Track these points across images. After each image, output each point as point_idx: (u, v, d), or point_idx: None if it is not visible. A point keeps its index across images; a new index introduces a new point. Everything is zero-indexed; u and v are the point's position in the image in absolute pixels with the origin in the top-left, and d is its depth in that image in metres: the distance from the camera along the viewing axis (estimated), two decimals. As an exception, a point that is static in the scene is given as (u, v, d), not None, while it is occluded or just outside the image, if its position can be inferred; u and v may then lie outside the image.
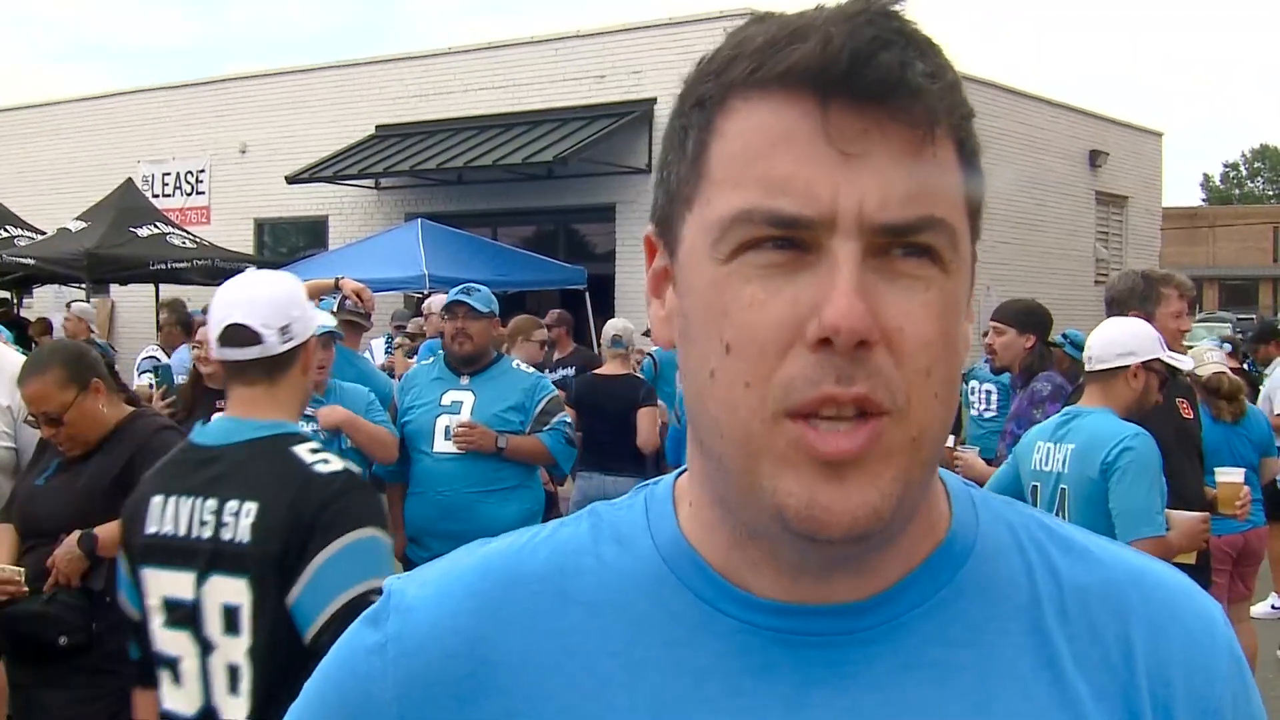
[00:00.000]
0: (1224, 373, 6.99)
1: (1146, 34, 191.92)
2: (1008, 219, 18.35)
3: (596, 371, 7.90)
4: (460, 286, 5.60)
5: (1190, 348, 8.25)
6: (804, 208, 0.78)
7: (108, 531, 3.53)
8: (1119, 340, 4.15)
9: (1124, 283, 5.04)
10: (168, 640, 2.53)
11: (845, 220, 0.77)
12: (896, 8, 0.82)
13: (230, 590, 2.45)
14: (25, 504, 3.78)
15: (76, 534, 3.59)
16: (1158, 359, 4.15)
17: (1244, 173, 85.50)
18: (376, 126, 18.98)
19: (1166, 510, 4.17)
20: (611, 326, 7.81)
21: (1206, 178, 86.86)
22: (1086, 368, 4.28)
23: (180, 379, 6.99)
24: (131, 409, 3.88)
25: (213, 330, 2.67)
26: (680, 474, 0.95)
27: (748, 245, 0.80)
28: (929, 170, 0.79)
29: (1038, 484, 4.21)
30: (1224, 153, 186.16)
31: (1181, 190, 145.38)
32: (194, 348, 5.89)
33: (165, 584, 2.53)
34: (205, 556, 2.48)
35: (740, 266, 0.80)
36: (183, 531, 2.52)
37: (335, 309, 6.13)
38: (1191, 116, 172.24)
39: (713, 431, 0.83)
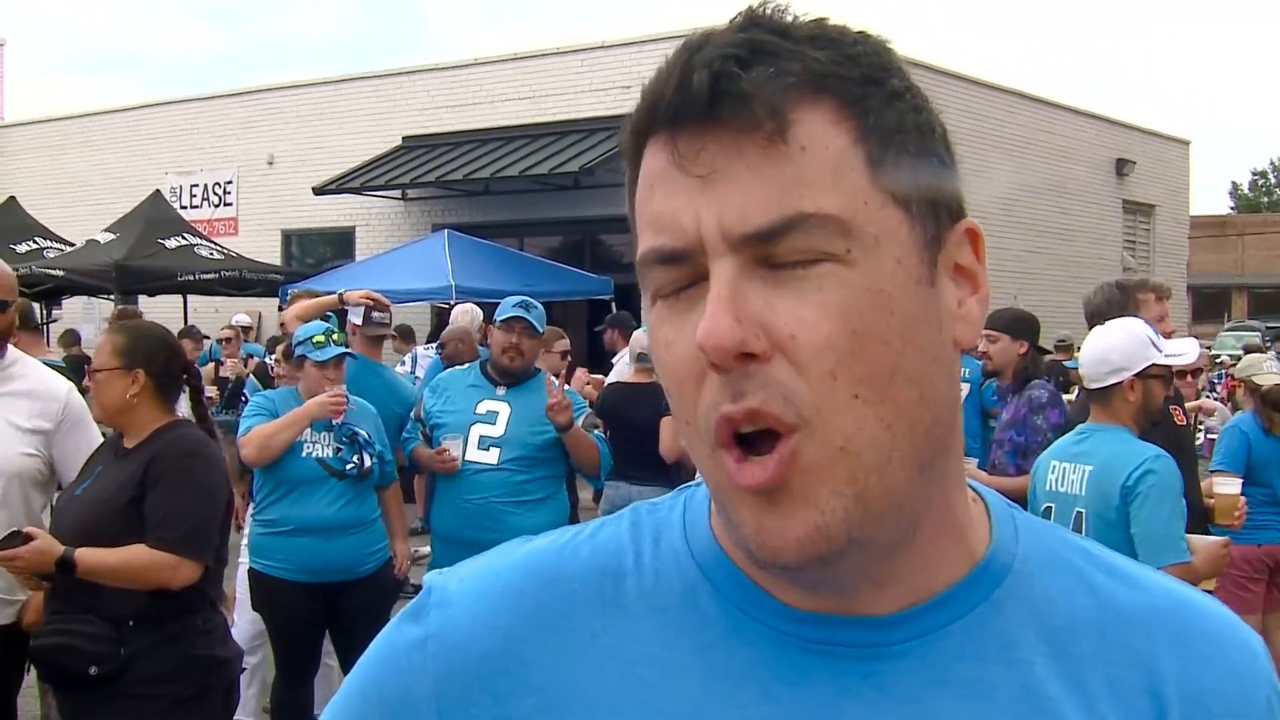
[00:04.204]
0: None
1: (1173, 41, 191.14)
2: (1034, 228, 18.27)
3: (623, 380, 7.84)
4: (519, 300, 5.51)
5: (1238, 358, 8.13)
6: (676, 239, 0.78)
7: (88, 559, 3.42)
8: (1107, 359, 3.96)
9: (1100, 295, 4.87)
10: None
11: (711, 239, 0.77)
12: (771, 12, 0.80)
13: None
14: (58, 515, 3.69)
15: (61, 549, 3.41)
16: (1153, 364, 3.94)
17: (1273, 180, 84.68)
18: (403, 137, 19.07)
19: (1187, 535, 3.99)
20: (639, 341, 7.69)
21: (1235, 185, 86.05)
22: (1084, 385, 4.14)
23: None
24: (170, 419, 3.72)
25: None
26: None
27: (659, 290, 0.81)
28: (789, 167, 0.77)
29: (1052, 505, 4.04)
30: (1252, 160, 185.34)
31: (1209, 198, 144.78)
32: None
33: None
34: None
35: (658, 311, 0.82)
36: None
37: (361, 323, 6.12)
38: (1219, 124, 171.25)
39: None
